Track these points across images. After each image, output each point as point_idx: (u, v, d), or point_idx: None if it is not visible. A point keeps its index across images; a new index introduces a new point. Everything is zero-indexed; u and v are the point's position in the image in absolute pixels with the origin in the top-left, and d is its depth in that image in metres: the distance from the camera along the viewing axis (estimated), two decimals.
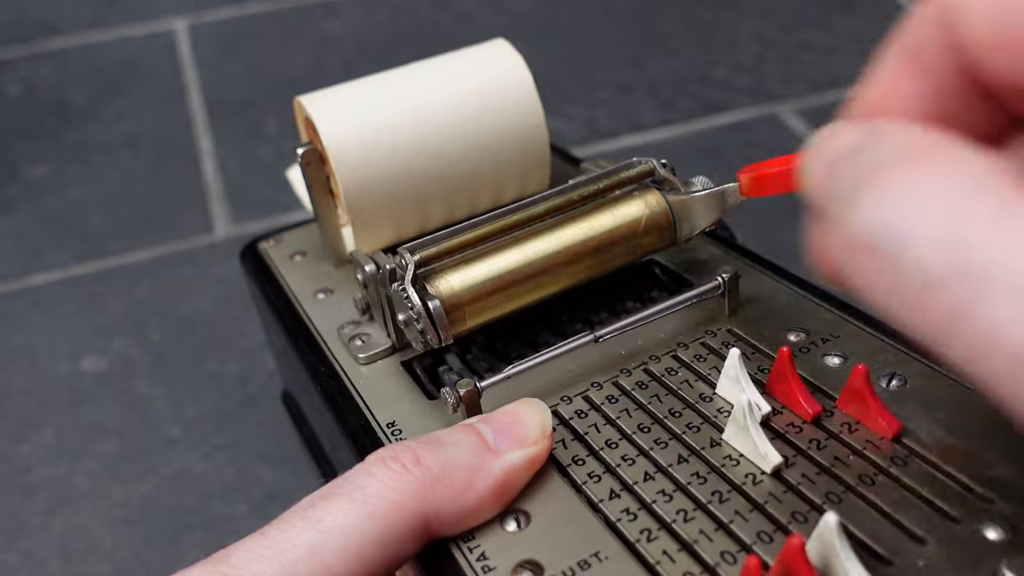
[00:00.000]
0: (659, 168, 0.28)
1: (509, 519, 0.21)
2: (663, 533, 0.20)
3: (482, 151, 0.30)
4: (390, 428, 0.25)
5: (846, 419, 0.22)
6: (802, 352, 0.25)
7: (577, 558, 0.20)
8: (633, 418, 0.23)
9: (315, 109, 0.29)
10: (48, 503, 0.46)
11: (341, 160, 0.29)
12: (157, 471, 0.48)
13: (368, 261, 0.27)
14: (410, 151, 0.29)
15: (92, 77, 0.78)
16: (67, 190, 0.66)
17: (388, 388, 0.27)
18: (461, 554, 0.21)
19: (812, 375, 0.24)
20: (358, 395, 0.27)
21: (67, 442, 0.49)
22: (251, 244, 0.38)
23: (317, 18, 0.85)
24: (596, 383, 0.25)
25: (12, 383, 0.52)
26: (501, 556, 0.20)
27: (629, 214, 0.27)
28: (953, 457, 0.21)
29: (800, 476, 0.21)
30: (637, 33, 0.84)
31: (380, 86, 0.30)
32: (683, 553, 0.20)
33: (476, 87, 0.30)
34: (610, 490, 0.22)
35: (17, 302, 0.57)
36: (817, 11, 0.86)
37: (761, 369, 0.24)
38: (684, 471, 0.22)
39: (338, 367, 0.28)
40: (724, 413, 0.23)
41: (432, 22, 0.84)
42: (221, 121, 0.73)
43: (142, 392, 0.52)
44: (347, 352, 0.29)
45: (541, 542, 0.21)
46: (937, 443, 0.21)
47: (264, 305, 0.34)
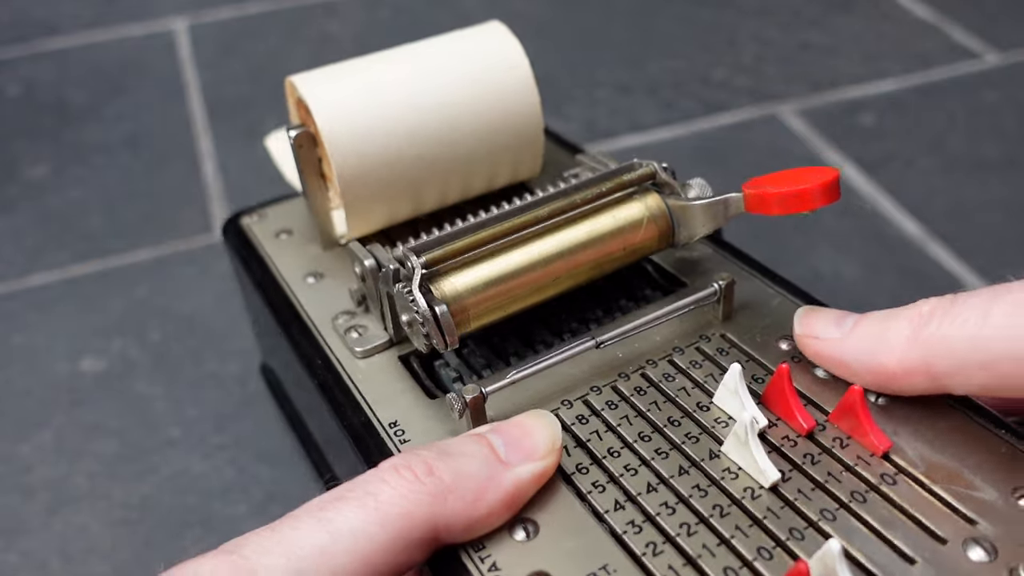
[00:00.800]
0: (660, 171, 0.28)
1: (518, 528, 0.21)
2: (668, 547, 0.21)
3: (478, 135, 0.29)
4: (392, 428, 0.25)
5: (838, 434, 0.23)
6: (794, 360, 0.25)
7: (586, 571, 0.20)
8: (634, 426, 0.24)
9: (309, 90, 0.29)
10: (48, 503, 0.46)
11: (336, 144, 0.28)
12: (157, 471, 0.48)
13: (367, 255, 0.26)
14: (405, 135, 0.28)
15: (92, 77, 0.78)
16: (67, 190, 0.66)
17: (387, 384, 0.27)
18: (474, 564, 0.21)
19: (803, 386, 0.24)
20: (357, 391, 0.26)
21: (67, 442, 0.49)
22: (233, 218, 0.36)
23: (317, 18, 0.85)
24: (596, 387, 0.25)
25: (11, 383, 0.52)
26: (512, 567, 0.21)
27: (629, 217, 0.27)
28: (939, 476, 0.21)
29: (796, 492, 0.21)
30: (637, 33, 0.84)
31: (374, 67, 0.29)
32: (688, 568, 0.20)
33: (473, 70, 0.29)
34: (615, 501, 0.22)
35: (16, 302, 0.57)
36: (817, 11, 0.86)
37: (755, 378, 0.25)
38: (686, 483, 0.22)
39: (335, 360, 0.28)
40: (721, 423, 0.23)
41: (433, 22, 0.84)
42: (221, 121, 0.73)
43: (142, 392, 0.52)
44: (343, 344, 0.28)
45: (550, 553, 0.21)
46: (924, 461, 0.22)
47: (250, 285, 0.33)
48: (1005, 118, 0.72)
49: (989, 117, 0.73)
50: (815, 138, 0.71)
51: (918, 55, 0.80)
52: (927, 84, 0.77)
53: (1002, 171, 0.65)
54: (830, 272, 0.57)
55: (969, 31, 0.83)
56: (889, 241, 0.59)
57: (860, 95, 0.75)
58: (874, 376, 0.22)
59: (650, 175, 0.27)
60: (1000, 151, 0.67)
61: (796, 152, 0.69)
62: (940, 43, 0.82)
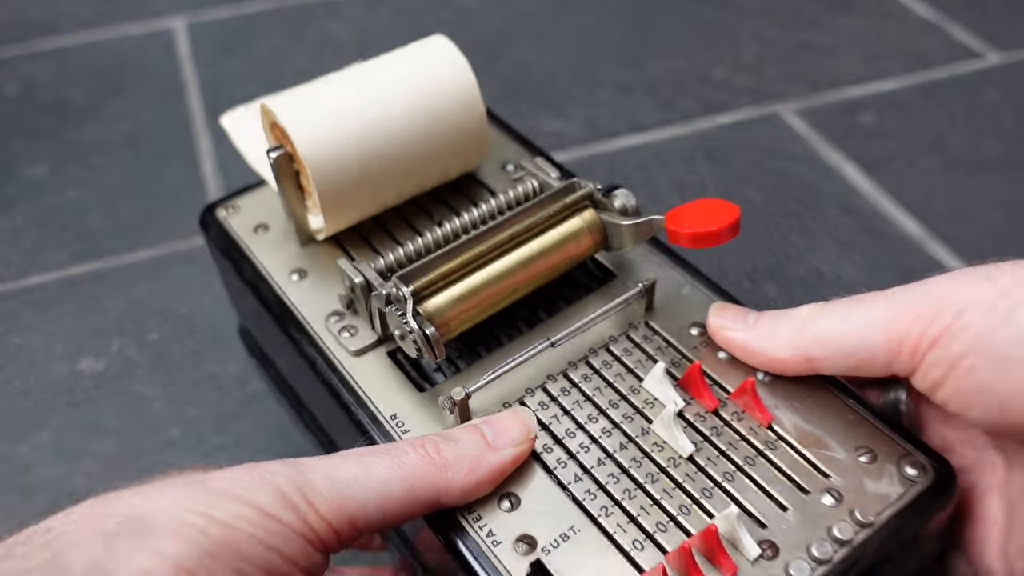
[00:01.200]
0: (595, 192, 0.33)
1: (504, 501, 0.27)
2: (616, 509, 0.27)
3: (430, 139, 0.34)
4: (394, 420, 0.30)
5: (736, 409, 0.29)
6: (703, 346, 0.31)
7: (559, 532, 0.26)
8: (583, 409, 0.30)
9: (285, 116, 0.32)
10: (46, 504, 0.46)
11: (314, 162, 0.32)
12: (156, 472, 0.48)
13: (357, 274, 0.31)
14: (369, 148, 0.33)
15: (90, 76, 0.78)
16: (65, 190, 0.66)
17: (382, 380, 0.31)
18: (475, 532, 0.27)
19: (709, 367, 0.31)
20: (360, 389, 0.31)
21: (65, 443, 0.49)
22: (209, 209, 0.39)
23: (318, 17, 0.85)
24: (551, 376, 0.31)
25: (10, 383, 0.52)
26: (503, 532, 0.27)
27: (571, 231, 0.32)
28: (806, 441, 0.28)
29: (706, 459, 0.28)
30: (637, 33, 0.83)
31: (336, 88, 0.34)
32: (631, 525, 0.27)
33: (422, 82, 0.34)
34: (574, 474, 0.28)
35: (15, 302, 0.57)
36: (817, 11, 0.86)
37: (674, 362, 0.31)
38: (625, 456, 0.28)
39: (336, 361, 0.32)
40: (649, 404, 0.30)
41: (433, 21, 0.84)
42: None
43: (141, 392, 0.51)
44: (338, 343, 0.33)
45: (530, 520, 0.27)
46: (796, 429, 0.28)
47: (238, 282, 0.37)
48: (1006, 118, 0.72)
49: (990, 117, 0.73)
50: (815, 138, 0.71)
51: (919, 54, 0.80)
52: (928, 83, 0.77)
53: (1003, 171, 0.65)
54: (831, 272, 0.57)
55: (970, 30, 0.83)
56: (889, 241, 0.59)
57: (860, 94, 0.75)
58: (768, 361, 0.29)
59: (588, 195, 0.33)
60: (1001, 151, 0.67)
61: (796, 151, 0.69)
62: (941, 42, 0.82)
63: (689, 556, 0.25)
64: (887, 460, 0.27)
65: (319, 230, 0.36)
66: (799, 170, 0.67)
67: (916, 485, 0.27)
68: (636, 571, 0.25)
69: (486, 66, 0.78)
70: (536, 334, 0.32)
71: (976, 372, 0.25)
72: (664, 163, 0.68)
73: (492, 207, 0.34)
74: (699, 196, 0.64)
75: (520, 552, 0.26)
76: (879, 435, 0.28)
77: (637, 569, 0.25)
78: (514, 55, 0.80)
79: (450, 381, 0.31)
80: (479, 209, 0.34)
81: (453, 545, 0.27)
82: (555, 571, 0.25)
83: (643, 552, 0.26)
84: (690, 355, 0.31)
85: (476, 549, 0.26)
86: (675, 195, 0.64)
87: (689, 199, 0.69)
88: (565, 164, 0.69)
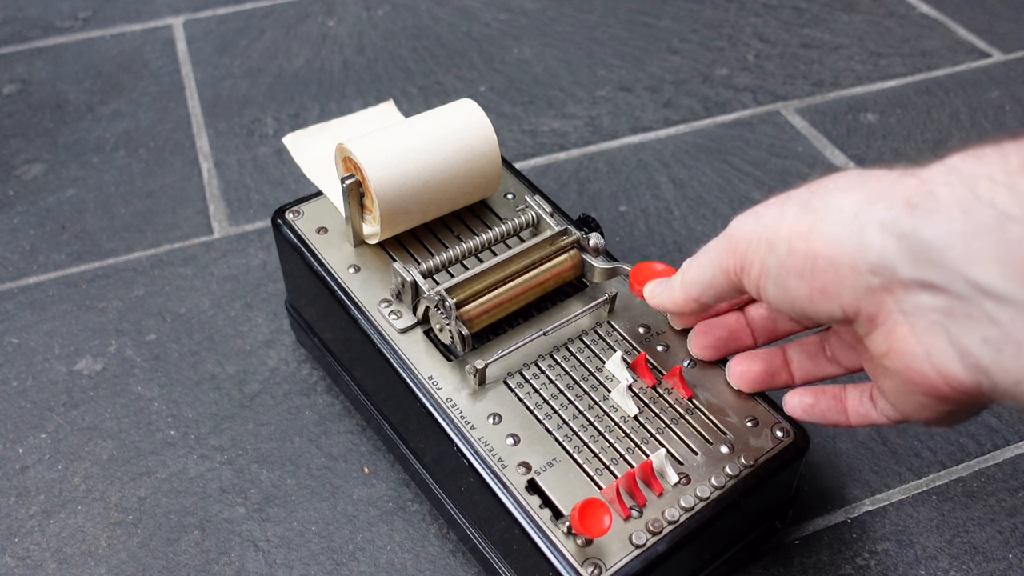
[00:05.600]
0: (582, 239, 0.44)
1: (508, 439, 0.39)
2: (585, 448, 0.39)
3: (460, 175, 0.45)
4: (431, 380, 0.41)
5: (668, 386, 0.41)
6: (646, 341, 0.43)
7: (546, 460, 0.38)
8: (563, 380, 0.41)
9: (361, 157, 0.43)
10: (44, 505, 0.46)
11: (382, 193, 0.43)
12: (154, 473, 0.47)
13: (408, 274, 0.42)
14: (418, 181, 0.44)
15: (88, 75, 0.77)
16: (63, 190, 0.65)
17: (421, 352, 0.42)
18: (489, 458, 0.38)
19: (652, 355, 0.42)
20: (406, 357, 0.41)
21: (63, 443, 0.49)
22: (280, 211, 0.48)
23: (316, 15, 0.85)
24: (541, 356, 0.42)
25: (7, 384, 0.52)
26: (508, 459, 0.38)
27: (560, 264, 0.44)
28: (714, 410, 0.40)
29: (645, 418, 0.40)
30: (638, 32, 0.83)
31: (394, 136, 0.44)
32: (595, 458, 0.38)
33: (453, 134, 0.45)
34: (557, 423, 0.39)
35: (13, 303, 0.57)
36: (819, 9, 0.86)
37: (627, 352, 0.42)
38: (592, 414, 0.40)
39: (386, 335, 0.42)
40: (609, 379, 0.41)
41: (432, 19, 0.83)
42: (218, 120, 0.72)
43: (139, 393, 0.51)
44: (387, 324, 0.43)
45: (527, 452, 0.38)
46: (707, 402, 0.40)
47: (307, 272, 0.46)
48: (1009, 116, 0.72)
49: (993, 115, 0.72)
50: (817, 136, 0.70)
51: (921, 53, 0.80)
52: (930, 82, 0.76)
53: None
54: None
55: (973, 29, 0.83)
56: None
57: (863, 93, 0.75)
58: (676, 307, 0.39)
59: (576, 241, 0.44)
60: None
61: (798, 150, 0.69)
62: (944, 41, 0.81)
63: (632, 480, 0.37)
64: (765, 425, 0.40)
65: (371, 235, 0.46)
66: (801, 169, 0.67)
67: (782, 443, 0.39)
68: (597, 488, 0.37)
69: (486, 65, 0.78)
70: (531, 325, 0.43)
71: (768, 290, 0.33)
72: (665, 162, 0.67)
73: (500, 232, 0.45)
74: (699, 196, 0.64)
75: (520, 473, 0.38)
76: (761, 409, 0.40)
77: (597, 487, 0.37)
78: (514, 53, 0.79)
79: (470, 355, 0.41)
80: (490, 232, 0.45)
81: (473, 469, 0.38)
82: (544, 486, 0.37)
83: (602, 476, 0.38)
84: (638, 347, 0.43)
85: (490, 470, 0.38)
86: (675, 195, 0.64)
87: (689, 198, 0.69)
88: (566, 163, 0.68)
